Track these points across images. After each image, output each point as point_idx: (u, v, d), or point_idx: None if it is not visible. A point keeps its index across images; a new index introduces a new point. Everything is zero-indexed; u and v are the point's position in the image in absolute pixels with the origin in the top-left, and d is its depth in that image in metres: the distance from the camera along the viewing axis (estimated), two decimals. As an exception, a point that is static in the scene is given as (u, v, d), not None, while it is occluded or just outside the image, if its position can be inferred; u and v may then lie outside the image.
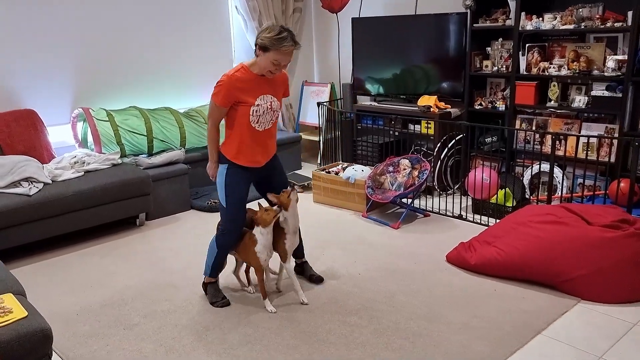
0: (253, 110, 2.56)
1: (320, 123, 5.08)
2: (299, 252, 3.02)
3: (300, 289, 2.78)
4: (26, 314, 1.92)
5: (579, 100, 3.73)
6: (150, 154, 4.21)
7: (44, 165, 3.64)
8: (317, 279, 2.98)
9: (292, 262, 2.93)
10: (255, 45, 2.51)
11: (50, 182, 3.47)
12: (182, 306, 2.77)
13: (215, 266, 2.77)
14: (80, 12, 4.11)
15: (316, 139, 5.39)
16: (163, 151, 4.24)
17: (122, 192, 3.66)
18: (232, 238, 2.71)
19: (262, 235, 2.66)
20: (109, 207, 3.64)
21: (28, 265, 3.30)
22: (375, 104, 4.85)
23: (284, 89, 2.74)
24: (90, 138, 4.02)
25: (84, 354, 2.38)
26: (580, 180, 3.84)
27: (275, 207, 2.69)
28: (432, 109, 4.33)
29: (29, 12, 3.87)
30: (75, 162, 3.78)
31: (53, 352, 2.17)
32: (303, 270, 3.04)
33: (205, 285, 2.84)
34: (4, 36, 3.79)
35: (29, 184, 3.37)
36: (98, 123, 3.98)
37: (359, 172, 4.13)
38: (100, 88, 4.33)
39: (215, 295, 2.79)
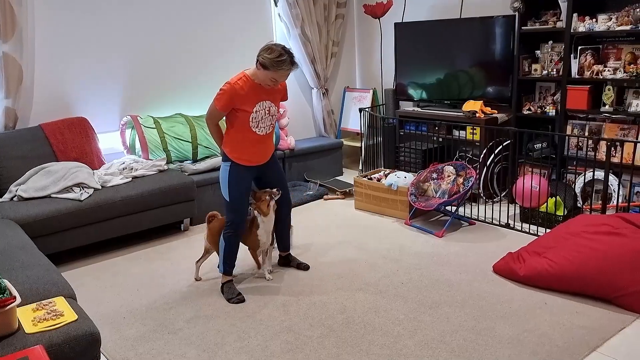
0: (252, 117, 2.78)
1: (362, 129, 5.05)
2: (284, 246, 3.26)
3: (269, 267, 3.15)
4: (76, 317, 1.97)
5: (637, 105, 3.54)
6: (194, 160, 4.28)
7: (94, 171, 3.77)
8: (304, 267, 3.22)
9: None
10: (257, 61, 2.70)
11: (100, 187, 3.58)
12: (224, 312, 2.79)
13: (225, 259, 2.94)
14: (128, 23, 4.25)
15: (358, 145, 5.35)
16: (207, 157, 4.31)
17: (167, 197, 3.74)
18: (238, 230, 2.91)
19: (263, 223, 2.97)
20: (155, 212, 3.73)
21: (78, 268, 3.41)
22: (419, 109, 4.77)
23: (282, 95, 2.97)
24: (138, 145, 4.14)
25: (131, 357, 2.43)
26: (637, 189, 3.64)
27: (266, 196, 2.95)
28: (477, 114, 4.21)
29: (79, 24, 4.03)
30: (123, 169, 3.89)
31: (101, 354, 2.23)
32: (289, 261, 3.28)
33: (222, 286, 2.99)
34: (58, 48, 3.96)
35: (80, 190, 3.50)
36: (145, 130, 4.09)
37: (401, 178, 4.07)
38: (148, 96, 4.46)
39: (230, 292, 2.92)
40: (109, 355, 2.45)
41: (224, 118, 2.86)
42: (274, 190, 2.97)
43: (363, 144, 5.07)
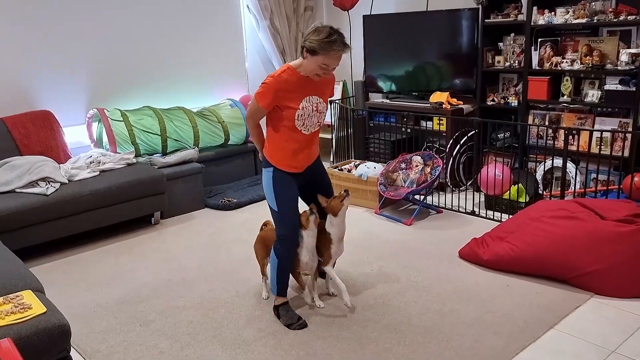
0: (298, 115, 2.43)
1: (333, 121, 5.10)
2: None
3: (346, 292, 2.63)
4: (45, 310, 1.97)
5: (592, 95, 3.69)
6: (164, 153, 4.26)
7: (60, 165, 3.71)
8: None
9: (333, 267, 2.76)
10: (302, 48, 2.37)
11: (67, 181, 3.53)
12: (197, 303, 2.81)
13: (280, 279, 2.58)
14: (94, 14, 4.18)
15: (328, 136, 5.40)
16: (177, 150, 4.29)
17: (137, 191, 3.72)
18: (292, 244, 2.56)
19: (303, 239, 2.57)
20: (125, 206, 3.70)
21: (46, 264, 3.37)
22: (388, 101, 4.85)
23: (330, 90, 2.61)
24: (105, 138, 4.09)
25: (102, 349, 2.43)
26: (593, 175, 3.81)
27: (342, 193, 2.59)
28: (444, 106, 4.32)
29: (43, 14, 3.94)
30: (90, 162, 3.84)
31: (71, 347, 2.22)
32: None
33: (276, 308, 2.62)
34: (20, 39, 3.87)
35: (46, 184, 3.44)
36: (113, 123, 4.05)
37: (371, 169, 4.14)
38: (115, 88, 4.40)
39: (289, 317, 2.57)
40: (79, 347, 2.45)
41: (265, 119, 2.53)
42: (342, 192, 2.59)
43: (334, 135, 5.12)
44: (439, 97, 4.40)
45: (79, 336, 2.54)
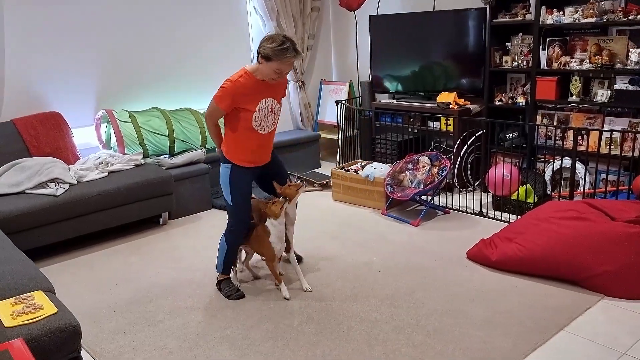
0: (255, 116, 2.65)
1: (339, 121, 5.10)
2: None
3: (303, 276, 2.94)
4: (56, 310, 1.98)
5: (602, 95, 3.67)
6: (171, 154, 4.28)
7: (69, 166, 3.74)
8: (298, 258, 3.18)
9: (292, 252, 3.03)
10: (258, 54, 2.58)
11: (76, 182, 3.56)
12: (205, 303, 2.82)
13: (226, 262, 2.88)
14: (102, 15, 4.20)
15: (335, 137, 5.41)
16: (184, 151, 4.30)
17: (145, 191, 3.73)
18: (241, 234, 2.83)
19: (274, 227, 2.77)
20: (133, 207, 3.72)
21: (56, 264, 3.39)
22: (394, 101, 4.84)
23: (283, 90, 2.82)
24: (113, 139, 4.11)
25: (111, 349, 2.45)
26: (603, 176, 3.78)
27: (280, 198, 2.81)
28: (451, 106, 4.31)
29: (51, 17, 3.97)
30: (99, 163, 3.87)
31: (82, 347, 2.23)
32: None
33: (219, 283, 2.93)
34: (30, 42, 3.90)
35: (55, 185, 3.47)
36: (121, 124, 4.07)
37: (378, 170, 4.14)
38: (123, 90, 4.42)
39: (229, 289, 2.88)
40: (89, 348, 2.46)
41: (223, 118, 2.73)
42: (297, 182, 2.90)
43: (340, 136, 5.12)
44: (446, 97, 4.39)
45: (88, 336, 2.55)
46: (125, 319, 2.70)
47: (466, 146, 4.23)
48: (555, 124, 3.98)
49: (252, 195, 2.90)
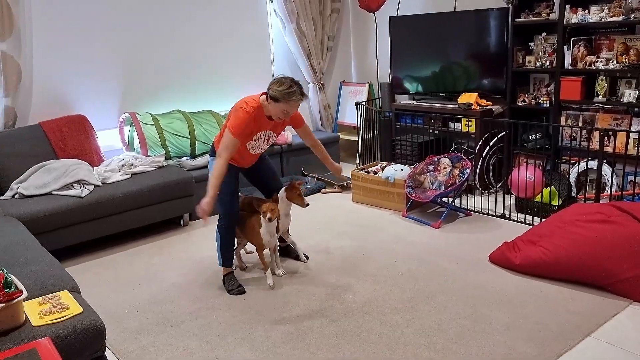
0: (250, 145, 2.88)
1: (359, 123, 5.08)
2: (285, 235, 3.30)
3: (279, 263, 3.15)
4: (82, 310, 2.01)
5: (629, 95, 3.58)
6: (193, 156, 4.32)
7: (94, 168, 3.81)
8: (302, 258, 3.28)
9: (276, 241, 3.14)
10: (267, 95, 2.72)
11: (100, 184, 3.62)
12: (226, 304, 2.84)
13: (224, 254, 3.02)
14: (126, 20, 4.27)
15: (355, 138, 5.39)
16: (205, 153, 4.34)
17: (167, 193, 3.78)
18: (230, 227, 2.98)
19: (266, 225, 2.94)
20: (155, 208, 3.76)
21: (80, 264, 3.45)
22: (414, 102, 4.81)
23: (283, 127, 2.98)
24: (136, 141, 4.17)
25: (134, 349, 2.48)
26: (631, 178, 3.69)
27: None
28: (472, 107, 4.26)
29: (77, 23, 4.05)
30: (123, 165, 3.93)
31: (106, 346, 2.27)
32: (288, 252, 3.34)
33: (224, 278, 3.06)
34: (56, 47, 3.98)
35: (80, 186, 3.53)
36: (144, 127, 4.13)
37: (398, 171, 4.11)
38: (145, 93, 4.49)
39: (231, 284, 3.00)
40: (112, 347, 2.50)
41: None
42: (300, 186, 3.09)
43: (360, 137, 5.11)
44: (467, 97, 4.34)
45: (112, 335, 2.59)
46: (147, 319, 2.73)
47: (488, 147, 4.18)
48: (580, 124, 3.90)
49: (241, 194, 3.10)
